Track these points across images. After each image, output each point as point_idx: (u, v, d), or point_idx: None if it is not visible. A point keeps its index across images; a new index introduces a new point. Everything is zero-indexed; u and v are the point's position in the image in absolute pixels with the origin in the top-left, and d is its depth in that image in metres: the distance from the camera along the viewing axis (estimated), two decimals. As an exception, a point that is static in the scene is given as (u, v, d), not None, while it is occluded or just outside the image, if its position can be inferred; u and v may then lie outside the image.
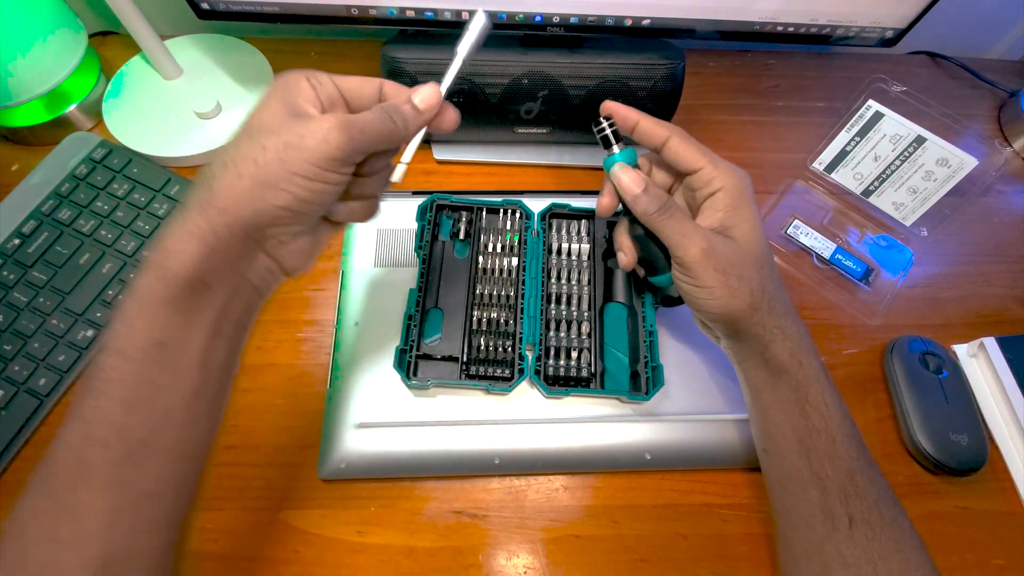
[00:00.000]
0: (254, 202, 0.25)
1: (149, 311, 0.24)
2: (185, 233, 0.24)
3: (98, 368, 0.24)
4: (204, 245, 0.24)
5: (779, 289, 0.35)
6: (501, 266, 0.45)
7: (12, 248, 0.45)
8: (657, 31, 0.46)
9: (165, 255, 0.24)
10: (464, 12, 0.44)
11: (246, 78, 0.55)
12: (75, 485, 0.23)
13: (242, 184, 0.24)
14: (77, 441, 0.23)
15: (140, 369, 0.24)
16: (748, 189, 0.35)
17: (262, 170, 0.24)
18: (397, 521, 0.39)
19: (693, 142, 0.36)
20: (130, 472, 0.24)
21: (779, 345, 0.34)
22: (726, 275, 0.33)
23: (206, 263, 0.24)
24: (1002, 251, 0.53)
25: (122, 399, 0.24)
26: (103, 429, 0.23)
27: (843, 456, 0.33)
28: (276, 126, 0.25)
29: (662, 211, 0.34)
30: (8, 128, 0.51)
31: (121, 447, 0.23)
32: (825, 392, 0.34)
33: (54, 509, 0.23)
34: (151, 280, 0.24)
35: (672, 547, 0.39)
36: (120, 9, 0.47)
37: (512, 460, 0.41)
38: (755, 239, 0.34)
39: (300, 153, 0.24)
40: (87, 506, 0.23)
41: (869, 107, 0.50)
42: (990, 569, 0.40)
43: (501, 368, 0.42)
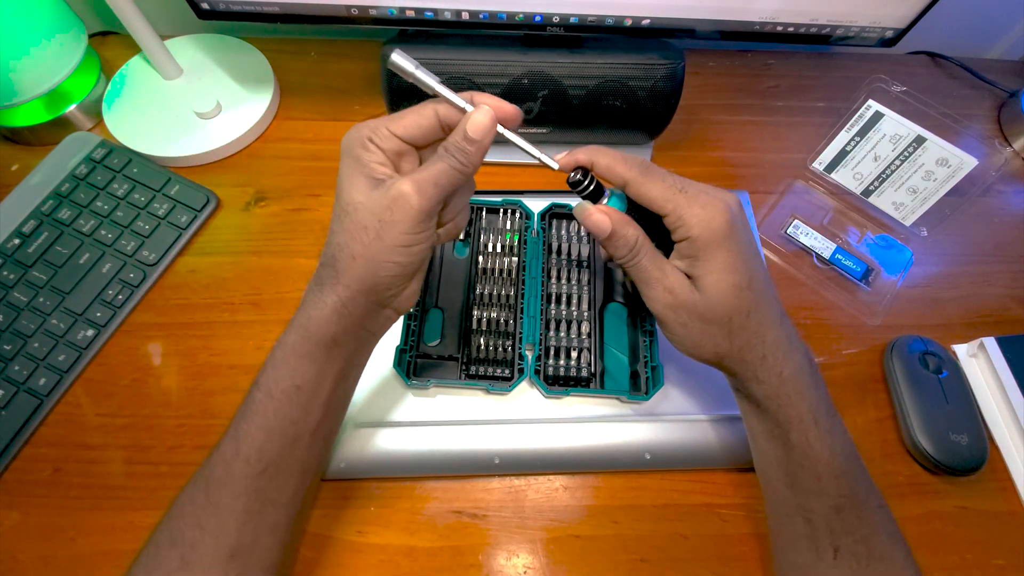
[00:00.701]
0: (370, 277, 0.30)
1: (292, 361, 0.31)
2: (323, 304, 0.30)
3: (251, 400, 0.31)
4: (336, 314, 0.30)
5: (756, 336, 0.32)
6: (501, 266, 0.45)
7: (12, 248, 0.45)
8: (657, 31, 0.46)
9: (307, 319, 0.30)
10: (464, 12, 0.44)
11: (246, 78, 0.55)
12: (222, 488, 0.30)
13: (357, 265, 0.30)
14: (229, 454, 0.30)
15: (279, 406, 0.30)
16: (721, 229, 0.31)
17: (368, 250, 0.29)
18: (397, 521, 0.39)
19: (658, 181, 0.32)
20: (263, 483, 0.30)
21: (754, 387, 0.33)
22: (688, 328, 0.32)
23: (337, 327, 0.30)
24: (1002, 251, 0.53)
25: (264, 427, 0.30)
26: (247, 448, 0.30)
27: (830, 493, 0.32)
28: (367, 202, 0.29)
29: (630, 256, 0.33)
30: (8, 128, 0.51)
31: (259, 464, 0.30)
32: (809, 433, 0.32)
33: (205, 503, 0.30)
34: (296, 338, 0.31)
35: (672, 547, 0.39)
36: (120, 9, 0.47)
37: (512, 460, 0.41)
38: (722, 290, 0.31)
39: (393, 227, 0.29)
40: (229, 506, 0.29)
41: (869, 107, 0.50)
42: (990, 569, 0.40)
43: (501, 368, 0.42)
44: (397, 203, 0.28)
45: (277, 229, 0.50)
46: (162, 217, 0.48)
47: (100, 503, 0.39)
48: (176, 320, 0.46)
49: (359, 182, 0.30)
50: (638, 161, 0.33)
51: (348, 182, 0.30)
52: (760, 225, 0.52)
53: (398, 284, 0.31)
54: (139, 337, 0.45)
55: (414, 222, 0.29)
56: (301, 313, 0.31)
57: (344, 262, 0.30)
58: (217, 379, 0.43)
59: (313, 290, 0.31)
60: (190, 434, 0.41)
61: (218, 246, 0.49)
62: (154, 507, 0.39)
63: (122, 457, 0.41)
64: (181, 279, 0.47)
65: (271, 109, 0.55)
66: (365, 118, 0.55)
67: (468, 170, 0.30)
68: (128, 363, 0.44)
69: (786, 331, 0.33)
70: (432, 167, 0.29)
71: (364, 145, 0.30)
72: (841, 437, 0.33)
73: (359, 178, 0.30)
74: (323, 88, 0.58)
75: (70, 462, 0.40)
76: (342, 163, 0.31)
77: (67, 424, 0.42)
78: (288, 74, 0.57)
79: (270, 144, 0.55)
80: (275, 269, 0.48)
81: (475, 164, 0.30)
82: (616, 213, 0.33)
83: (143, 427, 0.42)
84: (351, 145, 0.30)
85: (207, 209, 0.50)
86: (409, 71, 0.30)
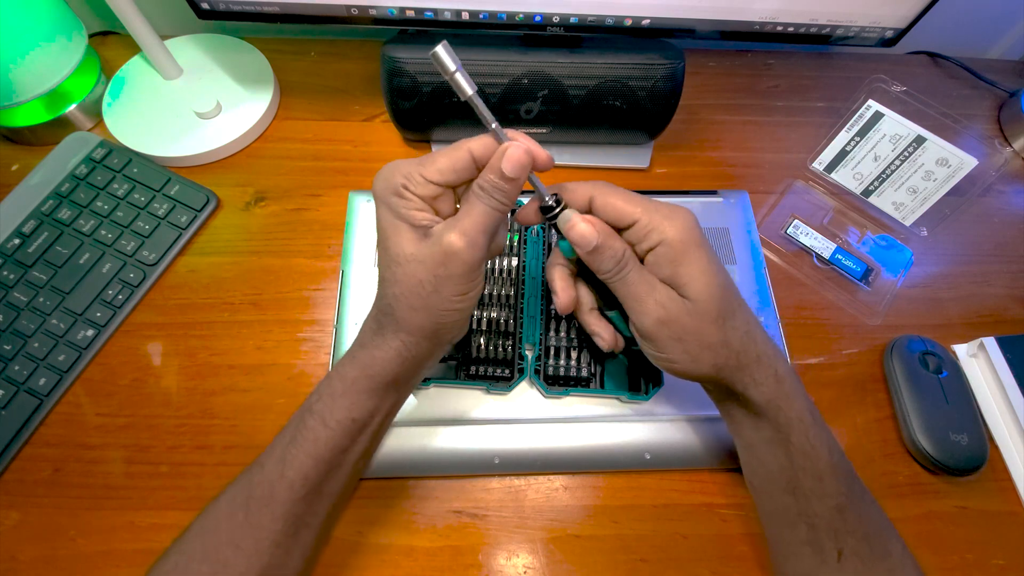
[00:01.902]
0: (431, 325, 0.31)
1: (351, 396, 0.31)
2: (386, 347, 0.31)
3: (303, 426, 0.31)
4: (400, 357, 0.31)
5: (748, 336, 0.32)
6: (501, 266, 0.45)
7: (12, 248, 0.45)
8: (657, 31, 0.46)
9: (371, 359, 0.31)
10: (464, 12, 0.44)
11: (246, 78, 0.55)
12: (263, 509, 0.30)
13: (418, 315, 0.30)
14: (274, 476, 0.30)
15: (332, 435, 0.31)
16: (693, 232, 0.31)
17: (428, 302, 0.30)
18: (397, 521, 0.39)
19: (621, 193, 0.32)
20: (302, 508, 0.31)
21: (753, 392, 0.32)
22: (684, 343, 0.31)
23: (400, 368, 0.32)
24: (1002, 251, 0.53)
25: (313, 454, 0.31)
26: (294, 473, 0.30)
27: (831, 493, 0.32)
28: (418, 255, 0.29)
29: (617, 270, 0.31)
30: (8, 128, 0.51)
31: (302, 490, 0.30)
32: (809, 432, 0.32)
33: (244, 523, 0.30)
34: (358, 374, 0.31)
35: (672, 547, 0.39)
36: (120, 9, 0.47)
37: (512, 460, 0.41)
38: (711, 292, 0.31)
39: (450, 281, 0.29)
40: (267, 527, 0.30)
41: (869, 107, 0.50)
42: (990, 569, 0.40)
43: (501, 368, 0.42)
44: (450, 259, 0.29)
45: (277, 229, 0.50)
46: (162, 217, 0.48)
47: (100, 503, 0.39)
48: (176, 320, 0.46)
49: (404, 233, 0.30)
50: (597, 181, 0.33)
51: (392, 232, 0.30)
52: (760, 225, 0.52)
53: (458, 325, 0.32)
54: (139, 337, 0.45)
55: (469, 273, 0.29)
56: (363, 352, 0.32)
57: (403, 312, 0.30)
58: (217, 379, 0.43)
59: (374, 333, 0.32)
60: (190, 434, 0.41)
61: (218, 246, 0.49)
62: (154, 507, 0.39)
63: (122, 457, 0.41)
64: (181, 279, 0.47)
65: (271, 109, 0.55)
66: (365, 118, 0.56)
67: (508, 207, 0.30)
68: (128, 363, 0.44)
69: (763, 330, 0.34)
70: (474, 212, 0.29)
71: (400, 194, 0.30)
72: (830, 435, 0.33)
73: (403, 229, 0.30)
74: (323, 88, 0.58)
75: (70, 462, 0.40)
76: (379, 211, 0.30)
77: (67, 424, 0.42)
78: (288, 74, 0.57)
79: (270, 144, 0.55)
80: (275, 269, 0.48)
81: (514, 199, 0.30)
82: (602, 224, 0.31)
83: (143, 427, 0.42)
84: (385, 194, 0.30)
85: (207, 209, 0.50)
86: (450, 69, 0.28)
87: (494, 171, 0.29)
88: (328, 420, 0.31)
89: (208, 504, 0.31)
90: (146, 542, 0.38)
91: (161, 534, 0.38)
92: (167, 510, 0.39)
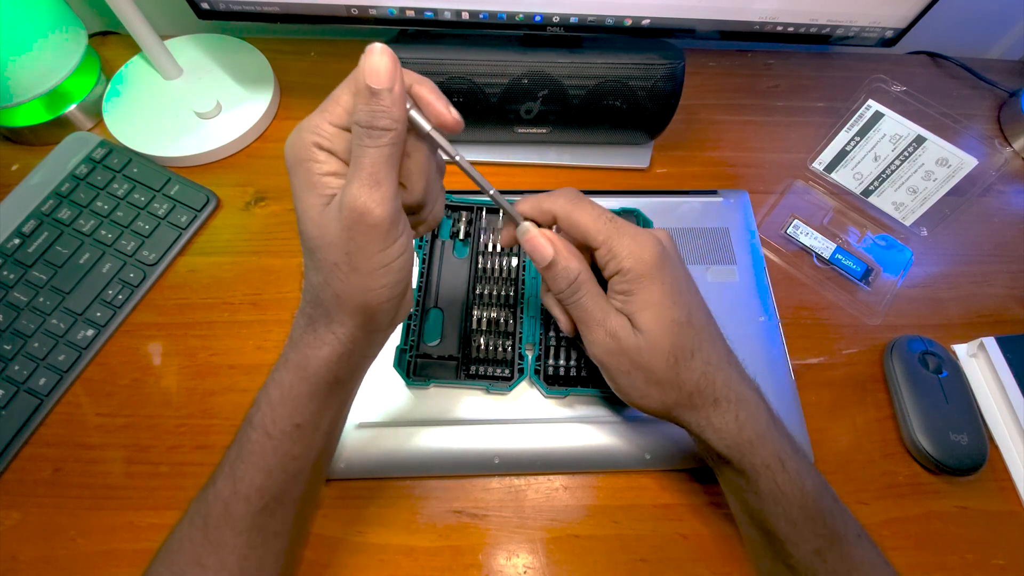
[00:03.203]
0: (361, 309, 0.27)
1: (290, 401, 0.28)
2: (320, 343, 0.28)
3: (247, 439, 0.29)
4: (336, 353, 0.28)
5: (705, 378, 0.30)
6: (501, 266, 0.45)
7: (12, 248, 0.45)
8: (657, 31, 0.46)
9: (305, 359, 0.28)
10: (464, 12, 0.44)
11: (246, 78, 0.55)
12: (221, 527, 0.28)
13: (344, 302, 0.27)
14: (227, 493, 0.28)
15: (279, 445, 0.29)
16: (651, 263, 0.29)
17: (349, 285, 0.26)
18: (397, 521, 0.39)
19: (585, 215, 0.30)
20: (263, 519, 0.29)
21: (711, 436, 0.30)
22: (631, 376, 0.30)
23: (339, 365, 0.28)
24: (1002, 251, 0.53)
25: (263, 467, 0.29)
26: (246, 488, 0.28)
27: (807, 537, 0.30)
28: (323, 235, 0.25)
29: (570, 291, 0.30)
30: (8, 128, 0.51)
31: (259, 502, 0.29)
32: (778, 478, 0.30)
33: (204, 541, 0.28)
34: (294, 378, 0.28)
35: (672, 547, 0.39)
36: (120, 9, 0.47)
37: (512, 460, 0.41)
38: (662, 327, 0.29)
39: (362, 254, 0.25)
40: (230, 543, 0.28)
41: (869, 107, 0.50)
42: (990, 569, 0.40)
43: (501, 368, 0.42)
44: (354, 228, 0.25)
45: (277, 229, 0.50)
46: (162, 217, 0.48)
47: (100, 503, 0.39)
48: (176, 320, 0.46)
49: (312, 210, 0.26)
50: (565, 192, 0.31)
51: (302, 211, 0.26)
52: (760, 225, 0.52)
53: (392, 304, 0.28)
54: (139, 337, 0.45)
55: (381, 238, 0.25)
56: (296, 351, 0.29)
57: (330, 301, 0.27)
58: (217, 379, 0.43)
59: (305, 329, 0.28)
60: (190, 434, 0.41)
61: (218, 246, 0.49)
62: (154, 507, 0.39)
63: (122, 457, 0.41)
64: (181, 279, 0.47)
65: (271, 109, 0.55)
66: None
67: (397, 134, 0.24)
68: (128, 363, 0.44)
69: (736, 370, 0.31)
70: (361, 163, 0.24)
71: (312, 156, 0.25)
72: (809, 475, 0.31)
73: (312, 203, 0.26)
74: (323, 88, 0.56)
75: (70, 462, 0.40)
76: (292, 181, 0.26)
77: (67, 424, 0.42)
78: (288, 74, 0.57)
79: (270, 144, 0.54)
80: (275, 269, 0.48)
81: (399, 120, 0.24)
82: (561, 241, 0.30)
83: (143, 427, 0.42)
84: (297, 157, 0.26)
85: (207, 209, 0.50)
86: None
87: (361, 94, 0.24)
88: (271, 430, 0.29)
89: (172, 528, 0.30)
90: (146, 542, 0.38)
91: (161, 534, 0.38)
92: (167, 510, 0.39)
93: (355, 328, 0.28)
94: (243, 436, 0.29)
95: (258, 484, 0.28)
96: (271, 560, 0.30)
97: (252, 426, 0.29)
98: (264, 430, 0.29)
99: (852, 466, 0.42)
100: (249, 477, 0.28)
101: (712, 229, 0.49)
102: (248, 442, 0.29)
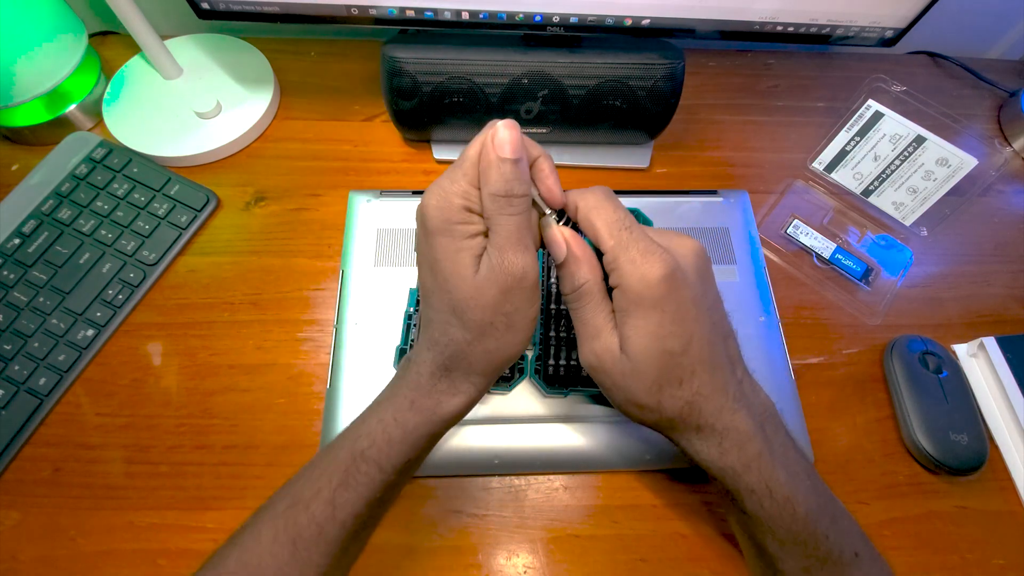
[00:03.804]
0: (505, 361, 0.30)
1: (412, 441, 0.30)
2: (458, 393, 0.30)
3: (356, 471, 0.29)
4: (472, 400, 0.30)
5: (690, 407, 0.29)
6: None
7: (12, 248, 0.45)
8: (657, 31, 0.46)
9: (438, 406, 0.30)
10: (464, 12, 0.44)
11: (246, 78, 0.55)
12: (311, 548, 0.28)
13: (491, 356, 0.29)
14: (323, 518, 0.29)
15: (388, 478, 0.30)
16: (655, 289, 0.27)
17: (501, 341, 0.29)
18: (397, 521, 0.39)
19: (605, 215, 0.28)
20: (350, 542, 0.30)
21: (693, 456, 0.30)
22: (611, 392, 0.30)
23: (467, 411, 0.31)
24: (1002, 251, 0.53)
25: (367, 497, 0.29)
26: (345, 515, 0.29)
27: (797, 556, 0.29)
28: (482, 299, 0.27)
29: (573, 297, 0.29)
30: (8, 128, 0.51)
31: (354, 528, 0.29)
32: (764, 502, 0.29)
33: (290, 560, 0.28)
34: (420, 422, 0.30)
35: (672, 547, 0.39)
36: (120, 9, 0.47)
37: (512, 460, 0.41)
38: (650, 355, 0.27)
39: (519, 314, 0.28)
40: (316, 563, 0.29)
41: (869, 107, 0.50)
42: (990, 569, 0.40)
43: (501, 368, 0.42)
44: (513, 290, 0.27)
45: (277, 229, 0.50)
46: (162, 217, 0.48)
47: (100, 503, 0.39)
48: (176, 320, 0.46)
49: (465, 266, 0.27)
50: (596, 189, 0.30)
51: (451, 271, 0.27)
52: (760, 225, 0.52)
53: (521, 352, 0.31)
54: (139, 337, 0.45)
55: (535, 297, 0.28)
56: (427, 400, 0.30)
57: (477, 356, 0.29)
58: (217, 379, 0.43)
59: (439, 378, 0.30)
60: (190, 434, 0.41)
61: (218, 246, 0.49)
62: (154, 507, 0.39)
63: (122, 457, 0.41)
64: (181, 279, 0.47)
65: (271, 109, 0.55)
66: (365, 118, 0.56)
67: (527, 200, 0.27)
68: (128, 363, 0.44)
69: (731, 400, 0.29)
70: (507, 229, 0.27)
71: (465, 218, 0.27)
72: (803, 499, 0.29)
73: (465, 262, 0.27)
74: (323, 88, 0.58)
75: (70, 462, 0.40)
76: (436, 244, 0.27)
77: (67, 424, 0.42)
78: (288, 74, 0.57)
79: (270, 144, 0.55)
80: (275, 269, 0.48)
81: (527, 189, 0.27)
82: (578, 243, 0.29)
83: (143, 427, 0.42)
84: (448, 220, 0.27)
85: (207, 209, 0.50)
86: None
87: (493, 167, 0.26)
88: (384, 466, 0.29)
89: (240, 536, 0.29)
90: (146, 542, 0.38)
91: (161, 534, 0.38)
92: (167, 510, 0.39)
93: (491, 377, 0.30)
94: (352, 466, 0.29)
95: (357, 511, 0.29)
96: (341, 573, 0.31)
97: (365, 459, 0.30)
98: (378, 465, 0.29)
99: (852, 466, 0.42)
100: (351, 505, 0.29)
101: (712, 229, 0.49)
102: (359, 473, 0.29)
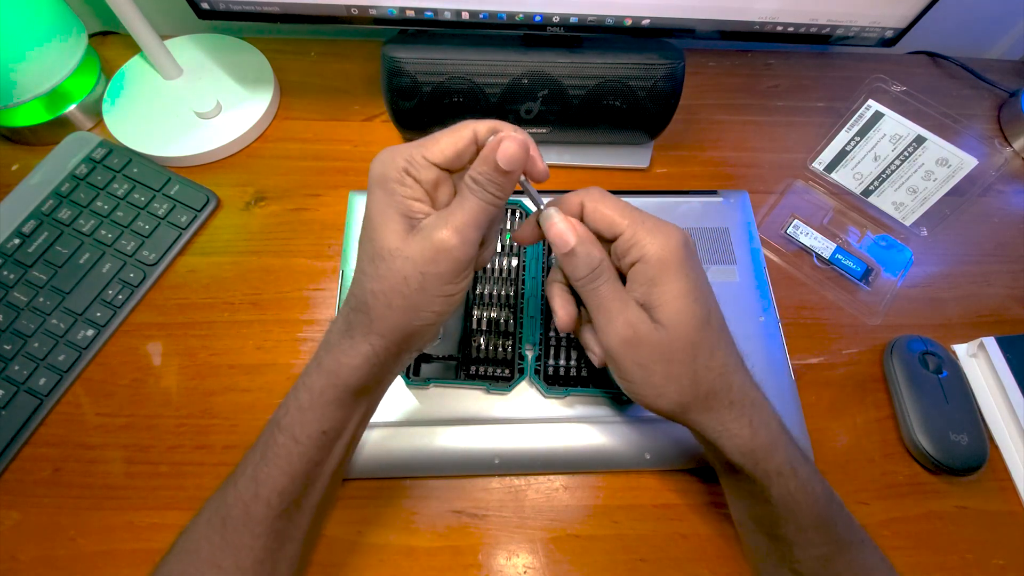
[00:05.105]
0: (405, 326, 0.29)
1: (319, 408, 0.29)
2: (354, 352, 0.29)
3: (273, 442, 0.30)
4: (369, 363, 0.29)
5: (722, 379, 0.30)
6: (501, 266, 0.45)
7: (12, 248, 0.45)
8: (657, 31, 0.46)
9: (337, 366, 0.29)
10: (464, 12, 0.44)
11: (246, 78, 0.55)
12: (240, 529, 0.29)
13: (394, 314, 0.28)
14: (248, 496, 0.29)
15: (304, 451, 0.29)
16: (676, 252, 0.29)
17: (409, 301, 0.28)
18: (397, 521, 0.39)
19: (611, 202, 0.30)
20: (282, 524, 0.30)
21: (725, 443, 0.30)
22: (648, 371, 0.29)
23: (368, 375, 0.30)
24: (1002, 251, 0.53)
25: (287, 471, 0.29)
26: (268, 491, 0.29)
27: (815, 543, 0.30)
28: (405, 250, 0.27)
29: (591, 278, 0.29)
30: (8, 128, 0.51)
31: (280, 506, 0.29)
32: (790, 484, 0.30)
33: (221, 543, 0.29)
34: (324, 383, 0.29)
35: (672, 547, 0.39)
36: (120, 9, 0.47)
37: (512, 460, 0.41)
38: (683, 320, 0.28)
39: (437, 279, 0.28)
40: (247, 545, 0.29)
41: (869, 107, 0.50)
42: (990, 569, 0.40)
43: (501, 368, 0.42)
44: (441, 255, 0.27)
45: (277, 229, 0.50)
46: (162, 217, 0.48)
47: (100, 503, 0.39)
48: (176, 320, 0.46)
49: (394, 224, 0.28)
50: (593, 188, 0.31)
51: (382, 223, 0.28)
52: (760, 225, 0.52)
53: (431, 332, 0.30)
54: (139, 337, 0.45)
55: (458, 271, 0.28)
56: (328, 358, 0.30)
57: (379, 311, 0.28)
58: (217, 379, 0.43)
59: (342, 334, 0.30)
60: (190, 434, 0.41)
61: (218, 246, 0.49)
62: (154, 507, 0.39)
63: (122, 457, 0.41)
64: (181, 279, 0.47)
65: (271, 109, 0.55)
66: (365, 118, 0.56)
67: (502, 201, 0.28)
68: (128, 363, 0.44)
69: (749, 377, 0.31)
70: (467, 206, 0.28)
71: (400, 179, 0.28)
72: (818, 482, 0.31)
73: (395, 219, 0.28)
74: (323, 88, 0.58)
75: (70, 462, 0.40)
76: (372, 196, 0.29)
77: (67, 424, 0.42)
78: (288, 74, 0.57)
79: (270, 144, 0.55)
80: (275, 269, 0.48)
81: (508, 193, 0.28)
82: (584, 229, 0.30)
83: (143, 427, 0.42)
84: (384, 178, 0.28)
85: (207, 209, 0.50)
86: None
87: (487, 163, 0.27)
88: (298, 435, 0.29)
89: (186, 526, 0.30)
90: (146, 542, 0.38)
91: (161, 534, 0.38)
92: (167, 510, 0.39)
93: (391, 343, 0.29)
94: (269, 439, 0.30)
95: (280, 488, 0.29)
96: (285, 564, 0.31)
97: (279, 428, 0.30)
98: (292, 434, 0.29)
99: (852, 466, 0.42)
100: (272, 481, 0.29)
101: (712, 229, 0.49)
102: (275, 445, 0.29)
